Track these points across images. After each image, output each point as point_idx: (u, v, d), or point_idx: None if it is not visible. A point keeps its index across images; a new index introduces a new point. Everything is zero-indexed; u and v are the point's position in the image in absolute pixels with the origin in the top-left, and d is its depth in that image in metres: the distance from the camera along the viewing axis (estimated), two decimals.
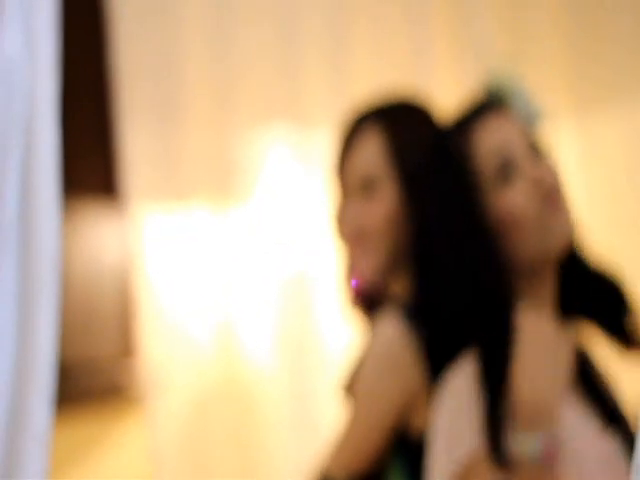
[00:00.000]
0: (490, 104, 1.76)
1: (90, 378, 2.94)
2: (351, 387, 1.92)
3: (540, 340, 1.69)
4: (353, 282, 1.96)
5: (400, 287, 1.88)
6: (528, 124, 1.75)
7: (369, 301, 1.96)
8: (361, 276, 1.94)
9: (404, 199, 1.88)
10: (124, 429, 2.99)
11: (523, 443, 1.58)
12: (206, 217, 2.84)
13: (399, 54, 2.94)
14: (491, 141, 1.72)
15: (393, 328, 1.79)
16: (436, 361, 1.75)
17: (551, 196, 1.69)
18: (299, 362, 2.78)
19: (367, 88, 2.62)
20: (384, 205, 1.89)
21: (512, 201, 1.70)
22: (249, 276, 2.83)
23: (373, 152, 1.91)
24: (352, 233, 1.93)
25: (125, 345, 2.78)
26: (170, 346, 2.73)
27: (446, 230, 1.72)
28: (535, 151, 1.74)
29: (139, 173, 2.71)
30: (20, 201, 1.55)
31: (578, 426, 1.64)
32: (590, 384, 1.73)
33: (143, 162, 2.72)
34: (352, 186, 1.94)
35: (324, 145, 2.58)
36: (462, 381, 1.64)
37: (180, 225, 2.81)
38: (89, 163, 2.99)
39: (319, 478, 1.85)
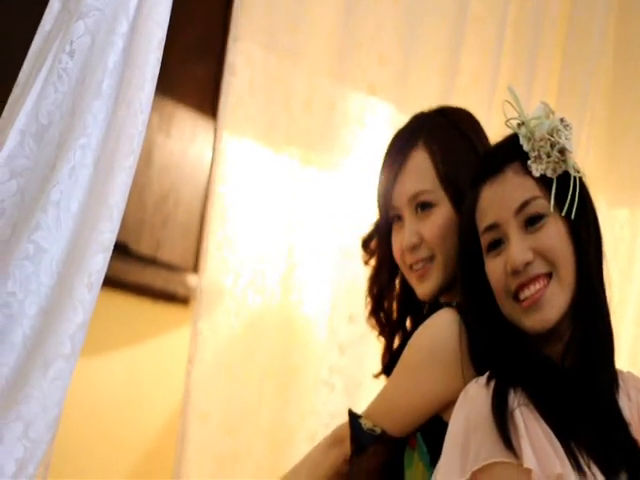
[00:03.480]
0: (511, 156, 1.72)
1: (153, 277, 3.06)
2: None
3: None
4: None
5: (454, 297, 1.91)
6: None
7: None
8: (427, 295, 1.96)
9: (455, 215, 1.91)
10: (170, 333, 3.11)
11: None
12: (292, 162, 2.89)
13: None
14: (490, 201, 1.71)
15: (451, 315, 1.81)
16: (480, 363, 1.76)
17: (518, 281, 1.67)
18: (346, 308, 2.85)
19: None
20: (441, 219, 1.92)
21: (490, 269, 1.71)
22: (315, 228, 2.90)
23: (425, 171, 1.94)
24: (411, 248, 1.95)
25: (191, 258, 2.87)
26: (231, 269, 2.79)
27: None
28: (531, 222, 1.69)
29: (240, 100, 2.76)
30: (120, 69, 1.65)
31: None
32: None
33: (245, 90, 2.77)
34: (404, 205, 1.96)
35: None
36: (482, 397, 1.62)
37: (266, 161, 2.86)
38: (196, 77, 3.12)
39: (352, 416, 1.91)
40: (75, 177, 1.55)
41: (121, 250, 3.04)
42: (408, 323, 2.06)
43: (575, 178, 1.68)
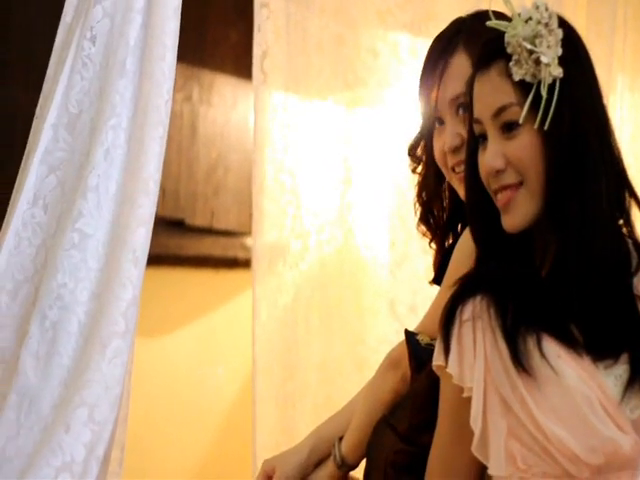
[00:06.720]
0: (498, 53, 1.66)
1: (211, 247, 3.09)
2: None
3: None
4: None
5: None
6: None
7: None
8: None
9: None
10: (236, 297, 3.13)
11: None
12: (335, 108, 2.89)
13: None
14: (477, 96, 1.68)
15: None
16: None
17: (495, 183, 1.65)
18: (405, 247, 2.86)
19: None
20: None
21: (479, 163, 1.69)
22: (367, 170, 2.91)
23: (466, 75, 1.83)
24: (453, 149, 1.91)
25: (246, 221, 2.88)
26: (286, 228, 2.82)
27: None
28: (507, 128, 1.65)
29: (275, 55, 2.76)
30: (141, 44, 1.66)
31: None
32: None
33: (279, 44, 2.78)
34: (445, 109, 1.92)
35: None
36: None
37: (309, 113, 2.86)
38: (231, 42, 3.13)
39: (409, 334, 1.91)
40: (110, 159, 1.57)
41: (177, 227, 3.08)
42: (460, 228, 2.05)
43: (550, 88, 1.61)
